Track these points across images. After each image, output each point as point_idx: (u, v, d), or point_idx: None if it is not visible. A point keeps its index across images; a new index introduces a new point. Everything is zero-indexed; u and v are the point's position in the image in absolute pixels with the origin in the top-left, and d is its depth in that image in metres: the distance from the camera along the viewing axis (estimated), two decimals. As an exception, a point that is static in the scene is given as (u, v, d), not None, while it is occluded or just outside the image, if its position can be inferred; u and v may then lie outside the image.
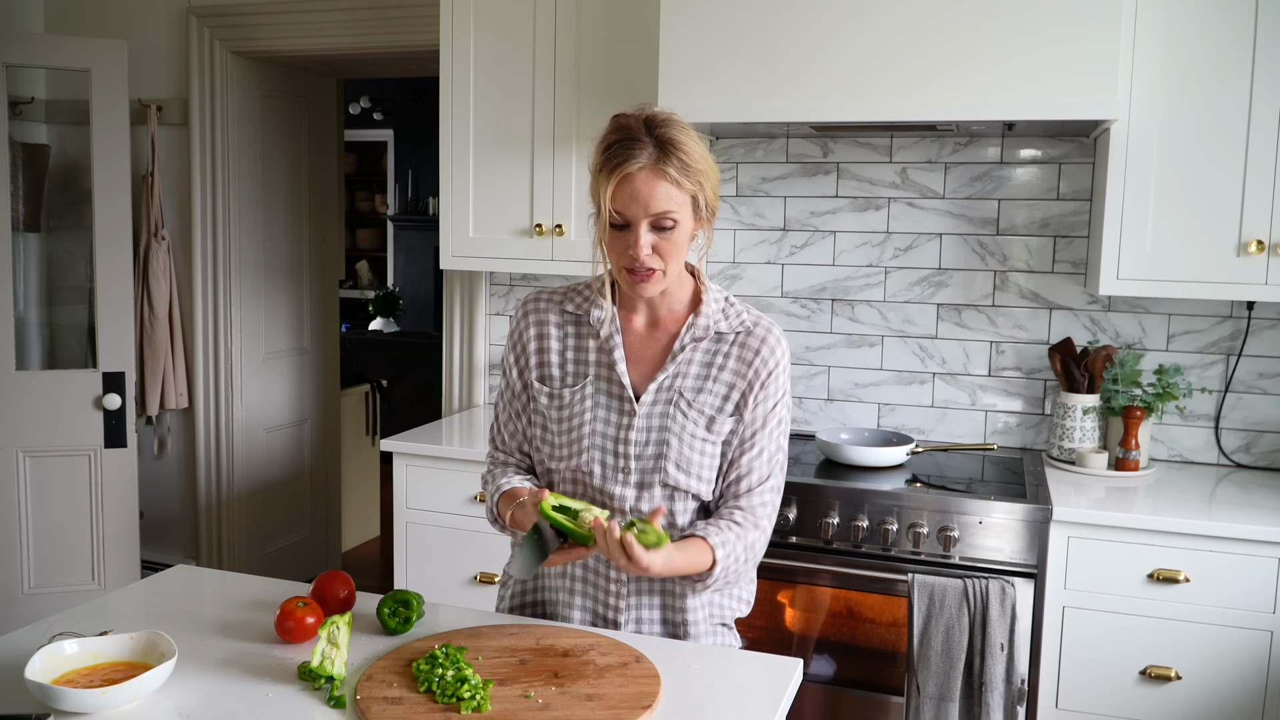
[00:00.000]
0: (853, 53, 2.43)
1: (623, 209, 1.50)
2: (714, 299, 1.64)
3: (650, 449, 1.58)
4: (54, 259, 3.95)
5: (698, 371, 1.60)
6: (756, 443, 1.60)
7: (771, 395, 1.61)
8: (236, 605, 1.66)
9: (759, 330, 1.62)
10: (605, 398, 1.61)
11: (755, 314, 1.65)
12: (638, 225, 1.50)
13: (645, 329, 1.64)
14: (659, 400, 1.59)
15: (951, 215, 2.93)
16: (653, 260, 1.52)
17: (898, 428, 3.01)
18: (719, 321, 1.62)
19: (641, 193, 1.48)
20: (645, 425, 1.59)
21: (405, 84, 8.35)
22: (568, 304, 1.67)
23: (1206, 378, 2.76)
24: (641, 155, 1.48)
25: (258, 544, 4.18)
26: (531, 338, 1.67)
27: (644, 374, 1.62)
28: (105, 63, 3.45)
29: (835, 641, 2.53)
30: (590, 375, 1.62)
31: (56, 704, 1.27)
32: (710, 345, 1.61)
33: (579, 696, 1.34)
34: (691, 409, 1.59)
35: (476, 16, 2.91)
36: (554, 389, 1.64)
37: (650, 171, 1.48)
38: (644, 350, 1.63)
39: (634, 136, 1.50)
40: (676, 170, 1.49)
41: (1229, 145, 2.38)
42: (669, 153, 1.49)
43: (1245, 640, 2.24)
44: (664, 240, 1.52)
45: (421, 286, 8.66)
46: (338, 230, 4.61)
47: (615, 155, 1.49)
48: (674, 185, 1.50)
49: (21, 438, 3.46)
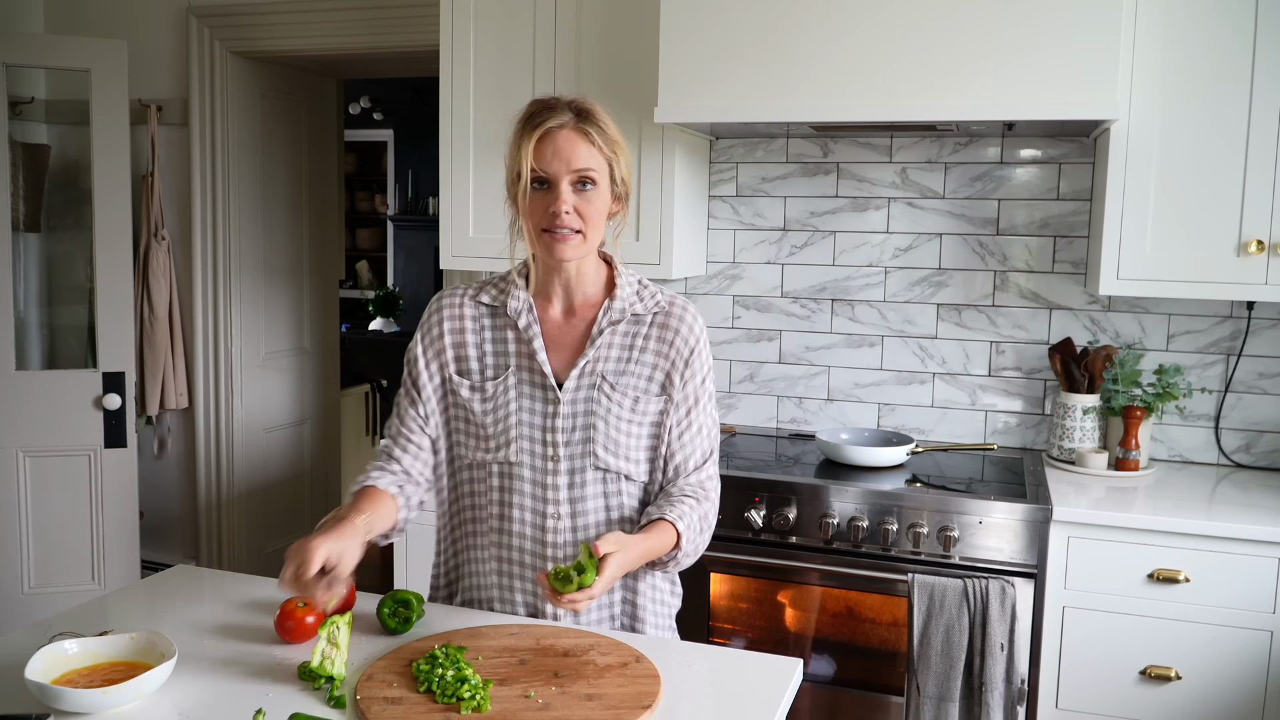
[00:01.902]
0: (853, 53, 2.43)
1: (545, 166, 1.55)
2: (627, 282, 1.67)
3: (577, 434, 1.61)
4: (54, 259, 3.95)
5: (618, 355, 1.63)
6: (693, 421, 1.65)
7: (698, 371, 1.65)
8: (236, 605, 1.66)
9: (675, 310, 1.66)
10: (529, 387, 1.62)
11: (670, 294, 1.69)
12: (559, 182, 1.55)
13: (562, 317, 1.67)
14: (582, 385, 1.61)
15: (951, 215, 2.93)
16: (573, 219, 1.56)
17: (898, 428, 3.01)
18: (634, 303, 1.65)
19: (564, 149, 1.54)
20: (570, 411, 1.61)
21: (405, 84, 8.35)
22: (483, 295, 1.69)
23: (1206, 378, 2.76)
24: (563, 115, 1.56)
25: (258, 544, 4.18)
26: (446, 331, 1.68)
27: (565, 361, 1.64)
28: (105, 63, 3.45)
29: (835, 641, 2.53)
30: (511, 366, 1.64)
31: (56, 704, 1.27)
32: (628, 328, 1.65)
33: (579, 696, 1.34)
34: (615, 391, 1.61)
35: (476, 16, 2.91)
36: (475, 382, 1.65)
37: (572, 129, 1.55)
38: (562, 338, 1.65)
39: (553, 106, 1.57)
40: (596, 133, 1.56)
41: (1229, 145, 2.38)
42: (588, 117, 1.57)
43: (1245, 640, 2.24)
44: (584, 201, 1.56)
45: (421, 286, 8.65)
46: (338, 230, 4.61)
47: (536, 117, 1.56)
48: (595, 147, 1.56)
49: (21, 438, 3.46)
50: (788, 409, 3.13)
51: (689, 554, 1.61)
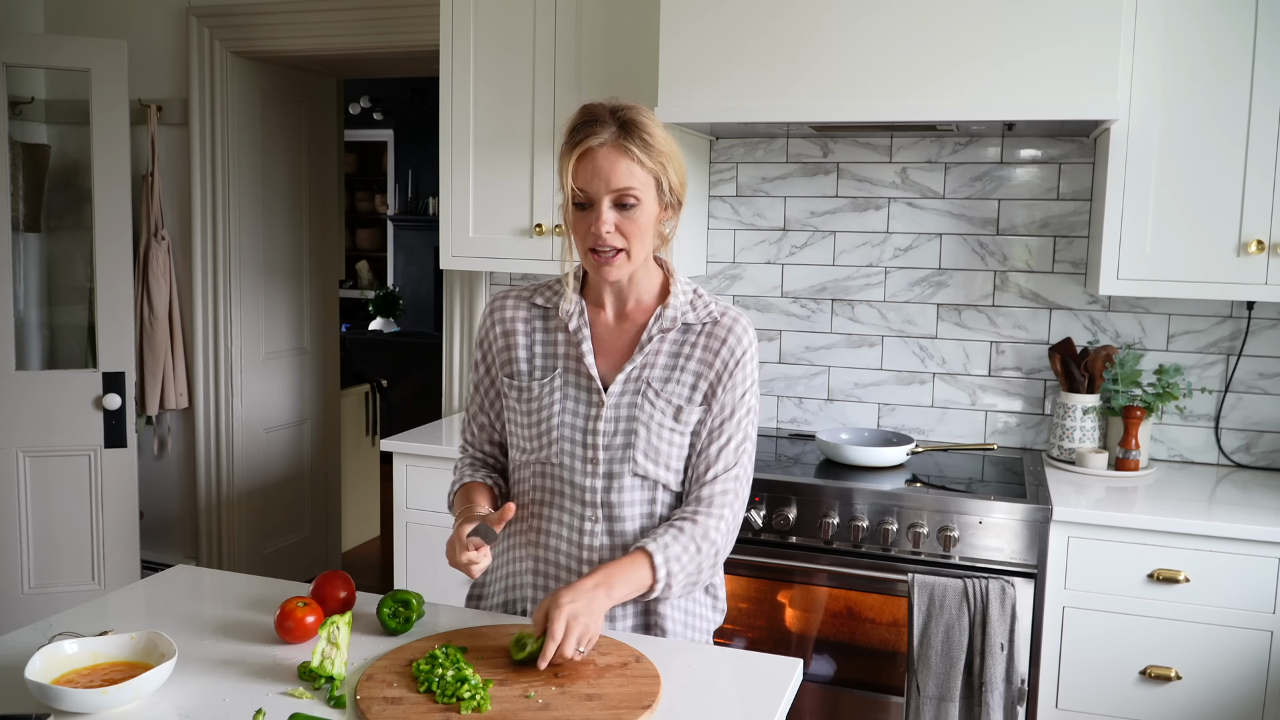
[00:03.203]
0: (853, 53, 2.43)
1: (585, 185, 1.52)
2: (682, 290, 1.64)
3: (619, 439, 1.60)
4: (54, 259, 3.95)
5: (665, 362, 1.61)
6: (724, 431, 1.61)
7: (739, 384, 1.61)
8: (236, 605, 1.66)
9: (725, 320, 1.63)
10: (574, 389, 1.62)
11: (723, 305, 1.66)
12: (600, 202, 1.52)
13: (613, 321, 1.65)
14: (627, 390, 1.60)
15: (951, 215, 2.93)
16: (615, 239, 1.53)
17: (898, 428, 3.01)
18: (686, 313, 1.63)
19: (603, 168, 1.50)
20: (614, 415, 1.60)
21: (405, 84, 8.35)
22: (537, 298, 1.69)
23: (1206, 378, 2.76)
24: (604, 133, 1.51)
25: (258, 544, 4.18)
26: (498, 335, 1.69)
27: (612, 365, 1.63)
28: (105, 63, 3.45)
29: (835, 641, 2.53)
30: (559, 368, 1.64)
31: (56, 704, 1.27)
32: (678, 336, 1.62)
33: (579, 696, 1.34)
34: (659, 399, 1.60)
35: (476, 16, 2.91)
36: (522, 383, 1.66)
37: (611, 148, 1.51)
38: (612, 342, 1.64)
39: (597, 118, 1.52)
40: (639, 148, 1.51)
41: (1229, 145, 2.38)
42: (631, 131, 1.52)
43: (1245, 640, 2.24)
44: (626, 219, 1.53)
45: (421, 286, 8.66)
46: (338, 230, 4.61)
47: (578, 134, 1.53)
48: (636, 163, 1.51)
49: (21, 438, 3.46)
50: (788, 409, 3.13)
51: (680, 582, 1.55)
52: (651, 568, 1.51)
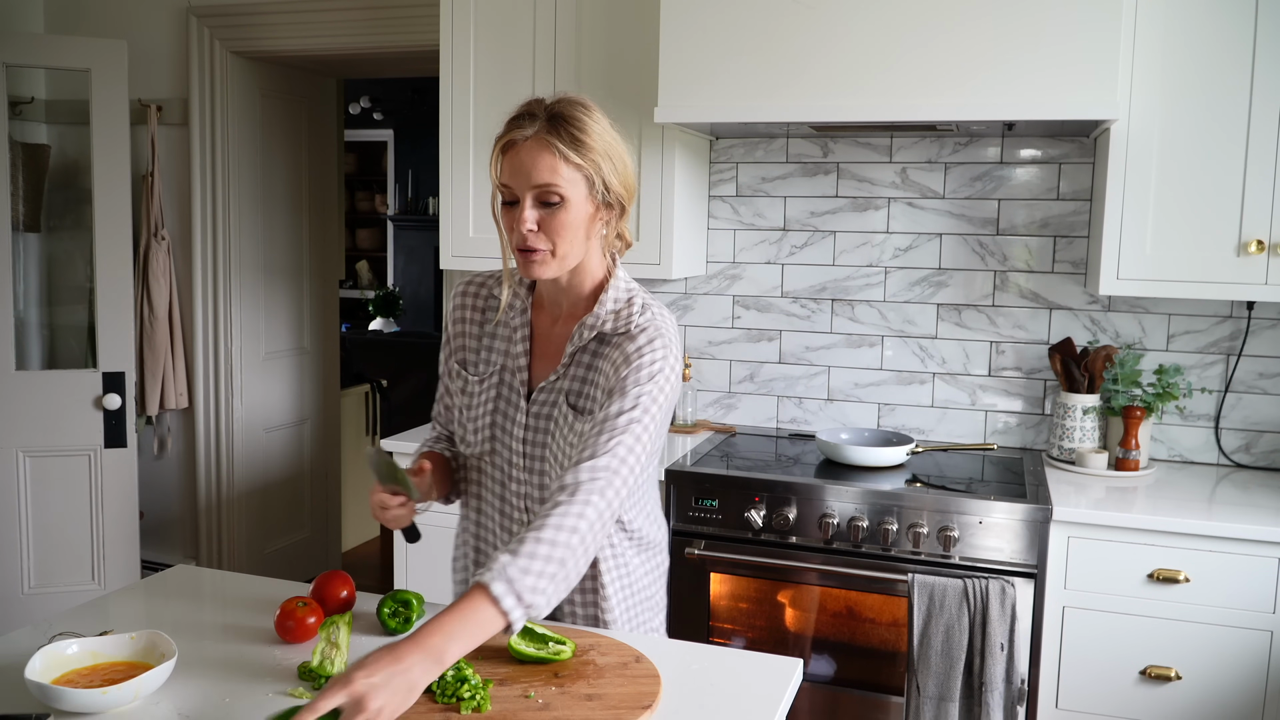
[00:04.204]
0: (853, 53, 2.43)
1: (509, 180, 1.47)
2: (613, 298, 1.55)
3: (534, 448, 1.60)
4: (54, 259, 3.95)
5: (583, 375, 1.56)
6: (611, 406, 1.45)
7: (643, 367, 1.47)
8: (236, 605, 1.66)
9: (637, 332, 1.51)
10: (508, 390, 1.63)
11: (649, 316, 1.54)
12: (523, 199, 1.46)
13: (551, 324, 1.63)
14: (545, 401, 1.59)
15: (951, 215, 2.93)
16: (537, 239, 1.46)
17: (898, 428, 3.01)
18: (607, 322, 1.54)
19: (525, 164, 1.44)
20: (533, 423, 1.59)
21: (405, 84, 8.35)
22: (497, 289, 1.67)
23: (1206, 378, 2.76)
24: (529, 127, 1.45)
25: (258, 544, 4.18)
26: (454, 320, 1.70)
27: (547, 368, 1.62)
28: (105, 63, 3.45)
29: (835, 641, 2.53)
30: (501, 365, 1.64)
31: (56, 704, 1.27)
32: (596, 346, 1.56)
33: (579, 696, 1.34)
34: (573, 411, 1.55)
35: (476, 16, 2.91)
36: (467, 375, 1.67)
37: (535, 142, 1.44)
38: (547, 346, 1.63)
39: (530, 112, 1.47)
40: (565, 144, 1.44)
41: (1229, 145, 2.38)
42: (558, 126, 1.45)
43: (1245, 640, 2.24)
44: (549, 216, 1.46)
45: (421, 286, 8.65)
46: (338, 230, 4.61)
47: (509, 127, 1.47)
48: (560, 159, 1.44)
49: (21, 438, 3.46)
50: (788, 409, 3.13)
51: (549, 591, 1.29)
52: (493, 600, 1.25)
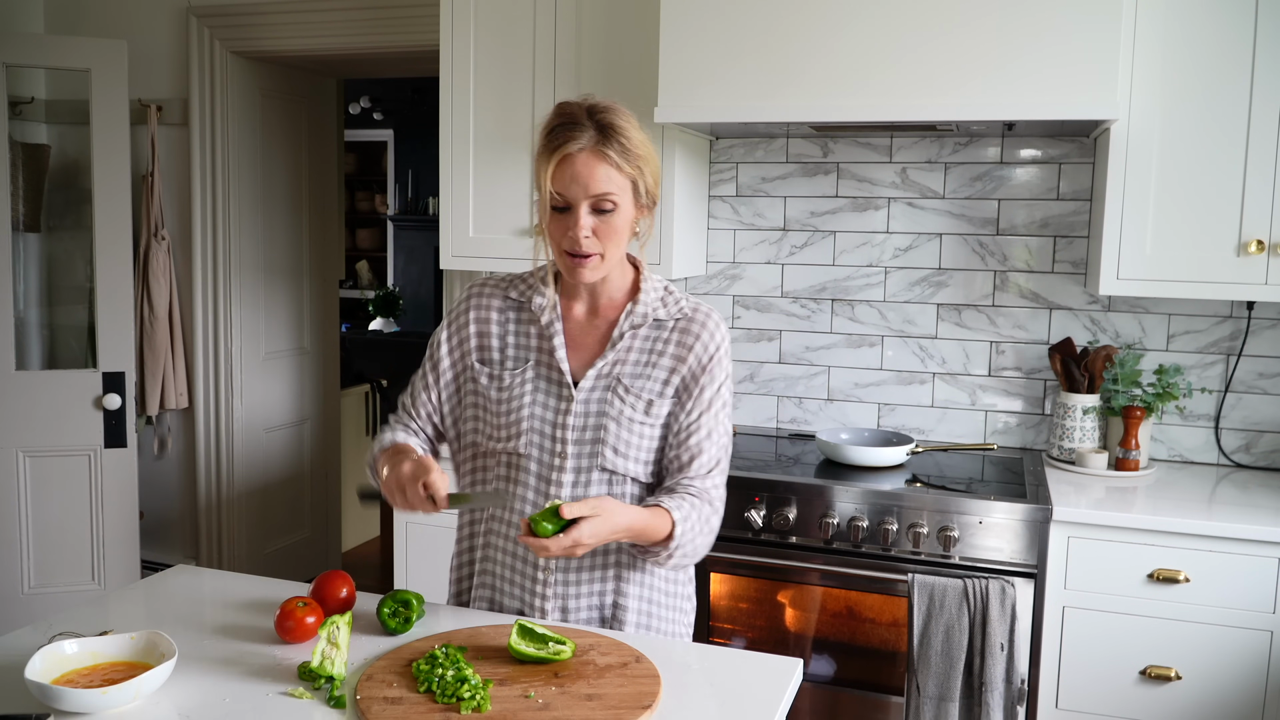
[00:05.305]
0: (853, 53, 2.43)
1: (563, 190, 1.53)
2: (652, 287, 1.67)
3: (588, 434, 1.61)
4: (54, 259, 3.95)
5: (636, 358, 1.63)
6: (703, 425, 1.63)
7: (715, 378, 1.64)
8: (236, 605, 1.66)
9: (698, 316, 1.65)
10: (545, 383, 1.64)
11: (694, 301, 1.68)
12: (578, 207, 1.53)
13: (585, 317, 1.67)
14: (597, 386, 1.62)
15: (951, 215, 2.93)
16: (592, 244, 1.55)
17: (898, 428, 3.01)
18: (657, 309, 1.65)
19: (582, 174, 1.52)
20: (584, 410, 1.61)
21: (405, 84, 8.35)
22: (511, 291, 1.70)
23: (1206, 378, 2.76)
24: (582, 137, 1.52)
25: (258, 544, 4.18)
26: (471, 320, 1.70)
27: (584, 360, 1.65)
28: (105, 63, 3.45)
29: (835, 641, 2.53)
30: (531, 360, 1.65)
31: (56, 704, 1.27)
32: (650, 332, 1.65)
33: (579, 696, 1.34)
34: (629, 394, 1.62)
35: (476, 16, 2.91)
36: (494, 370, 1.67)
37: (590, 153, 1.52)
38: (583, 338, 1.66)
39: (576, 120, 1.53)
40: (617, 153, 1.52)
41: (1229, 145, 2.38)
42: (610, 136, 1.52)
43: (1245, 640, 2.24)
44: (603, 223, 1.54)
45: (421, 286, 8.65)
46: (338, 230, 4.61)
47: (556, 137, 1.53)
48: (614, 168, 1.53)
49: (21, 438, 3.46)
50: (788, 409, 3.13)
51: (686, 551, 1.58)
52: (671, 523, 1.54)
